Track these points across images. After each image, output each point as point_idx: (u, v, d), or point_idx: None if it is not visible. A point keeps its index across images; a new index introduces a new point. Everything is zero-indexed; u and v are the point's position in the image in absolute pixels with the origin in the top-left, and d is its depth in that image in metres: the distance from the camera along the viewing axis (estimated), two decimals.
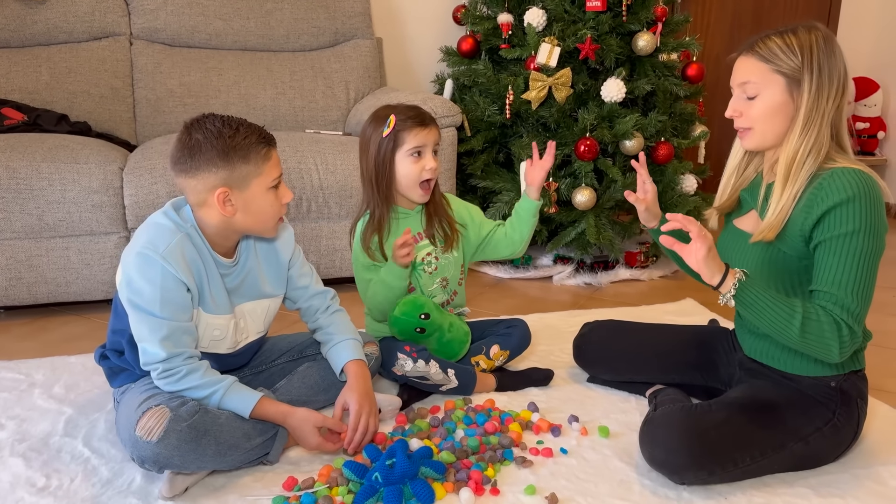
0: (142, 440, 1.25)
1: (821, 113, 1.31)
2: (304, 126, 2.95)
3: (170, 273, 1.31)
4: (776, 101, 1.34)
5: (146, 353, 1.33)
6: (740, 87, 1.38)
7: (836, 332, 1.27)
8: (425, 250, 1.76)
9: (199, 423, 1.28)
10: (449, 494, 1.33)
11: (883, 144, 4.20)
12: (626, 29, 2.72)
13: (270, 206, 1.39)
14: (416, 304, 1.65)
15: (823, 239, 1.30)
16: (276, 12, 2.99)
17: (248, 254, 1.49)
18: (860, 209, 1.27)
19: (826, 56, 1.31)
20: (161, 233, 1.35)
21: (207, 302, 1.40)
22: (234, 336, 1.47)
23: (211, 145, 1.31)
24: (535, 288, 2.71)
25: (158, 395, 1.33)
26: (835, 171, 1.30)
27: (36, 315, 2.30)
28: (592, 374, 1.83)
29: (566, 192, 2.64)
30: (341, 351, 1.53)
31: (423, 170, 1.65)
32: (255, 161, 1.34)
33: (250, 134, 1.34)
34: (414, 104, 1.73)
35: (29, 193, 2.12)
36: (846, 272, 1.28)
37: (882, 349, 2.13)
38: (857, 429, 1.43)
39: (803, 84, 1.31)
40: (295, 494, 1.31)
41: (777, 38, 1.33)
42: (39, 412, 1.63)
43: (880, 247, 1.30)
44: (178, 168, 1.34)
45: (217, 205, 1.34)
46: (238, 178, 1.33)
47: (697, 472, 1.32)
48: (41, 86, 2.67)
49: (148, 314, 1.32)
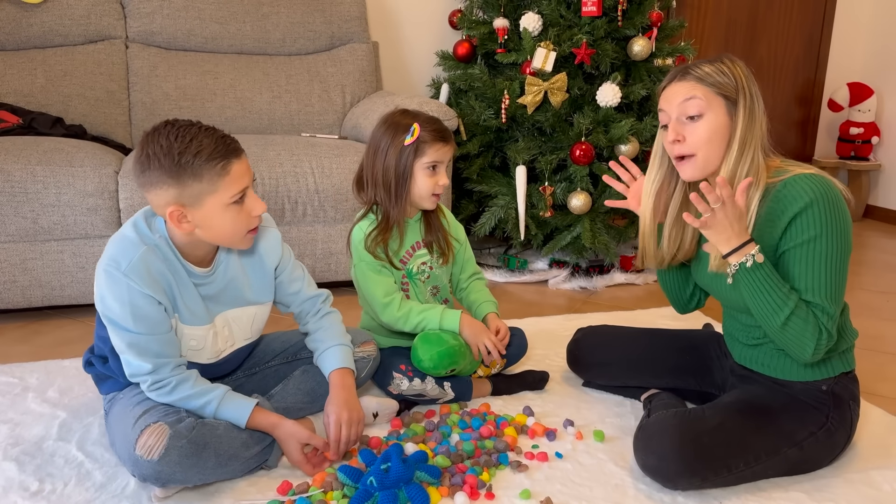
0: (142, 459, 1.24)
1: (754, 135, 1.34)
2: (299, 130, 2.95)
3: (135, 289, 1.27)
4: (719, 122, 1.34)
5: (130, 365, 1.31)
6: (681, 108, 1.35)
7: (816, 335, 1.30)
8: (421, 259, 1.74)
9: (198, 438, 1.27)
10: (444, 499, 1.33)
11: (877, 149, 4.21)
12: (622, 34, 2.73)
13: (232, 223, 1.31)
14: (447, 360, 1.61)
15: (788, 248, 1.31)
16: (273, 16, 2.99)
17: (228, 263, 1.43)
18: (819, 213, 1.28)
19: (751, 82, 1.35)
20: (124, 248, 1.30)
21: (182, 313, 1.36)
22: (215, 346, 1.44)
23: (159, 163, 1.24)
24: (530, 292, 2.71)
25: (154, 411, 1.31)
26: (788, 181, 1.31)
27: (30, 318, 2.30)
28: (587, 380, 1.83)
29: (561, 197, 2.65)
30: (327, 360, 1.52)
31: (435, 185, 1.65)
32: (209, 178, 1.25)
33: (203, 149, 1.24)
34: (433, 116, 1.71)
35: (24, 196, 2.11)
36: (816, 277, 1.30)
37: (876, 353, 2.14)
38: (850, 431, 1.43)
39: (739, 106, 1.34)
40: (290, 499, 1.31)
41: (707, 65, 1.36)
42: (33, 416, 1.63)
43: (847, 246, 1.31)
44: (136, 181, 1.31)
45: (172, 223, 1.29)
46: (190, 196, 1.26)
47: (691, 478, 1.32)
48: (36, 89, 2.66)
49: (124, 330, 1.29)
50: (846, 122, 4.21)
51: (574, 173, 2.61)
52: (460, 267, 1.85)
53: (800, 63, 4.25)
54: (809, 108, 4.35)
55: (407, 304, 1.68)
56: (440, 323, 1.66)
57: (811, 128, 4.38)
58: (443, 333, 1.64)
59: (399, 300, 1.68)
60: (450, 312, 1.68)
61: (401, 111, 1.69)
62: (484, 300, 1.81)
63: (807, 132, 4.40)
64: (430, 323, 1.66)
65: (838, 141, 4.28)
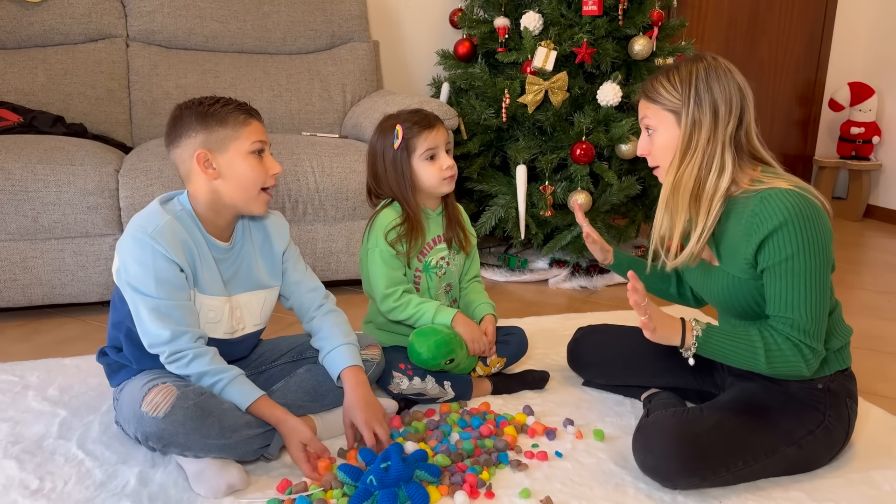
0: (147, 415, 1.27)
1: (704, 140, 1.34)
2: (300, 129, 2.95)
3: (160, 253, 1.34)
4: (669, 135, 1.39)
5: (149, 334, 1.34)
6: (642, 125, 1.43)
7: (798, 353, 1.31)
8: (440, 254, 1.76)
9: (204, 404, 1.31)
10: (444, 498, 1.33)
11: (878, 149, 4.21)
12: (623, 33, 2.73)
13: (252, 171, 1.41)
14: (444, 349, 1.62)
15: (767, 266, 1.32)
16: (273, 15, 2.99)
17: (245, 240, 1.51)
18: (795, 231, 1.28)
19: (706, 86, 1.34)
20: (150, 216, 1.38)
21: (202, 283, 1.42)
22: (231, 322, 1.48)
23: (189, 112, 1.39)
24: (530, 291, 2.71)
25: (163, 377, 1.35)
26: (765, 194, 1.31)
27: (30, 317, 2.30)
28: (587, 379, 1.83)
29: (562, 196, 2.65)
30: (336, 358, 1.52)
31: (440, 169, 1.68)
32: (233, 125, 1.39)
33: (229, 103, 1.41)
34: (415, 108, 1.74)
35: (24, 195, 2.11)
36: (795, 294, 1.31)
37: (876, 353, 2.14)
38: (848, 429, 1.44)
39: (681, 115, 1.36)
40: (289, 497, 1.31)
41: (663, 77, 1.39)
42: (33, 414, 1.63)
43: (825, 262, 1.31)
44: (167, 141, 1.42)
45: (199, 168, 1.38)
46: (216, 140, 1.38)
47: (689, 478, 1.33)
48: (37, 87, 2.67)
49: (145, 296, 1.34)
50: (847, 121, 4.21)
51: (574, 173, 2.61)
52: (466, 268, 1.86)
53: (801, 62, 4.24)
54: (810, 108, 4.34)
55: (406, 296, 1.70)
56: (434, 318, 1.68)
57: (812, 127, 4.38)
58: (435, 326, 1.66)
59: (400, 293, 1.69)
60: (444, 309, 1.70)
61: (385, 118, 1.73)
62: (483, 301, 1.82)
63: (808, 132, 4.39)
64: (426, 315, 1.68)
65: (839, 140, 4.28)
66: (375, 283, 1.70)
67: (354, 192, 2.42)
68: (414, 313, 1.69)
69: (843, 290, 2.81)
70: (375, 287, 1.70)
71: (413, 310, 1.68)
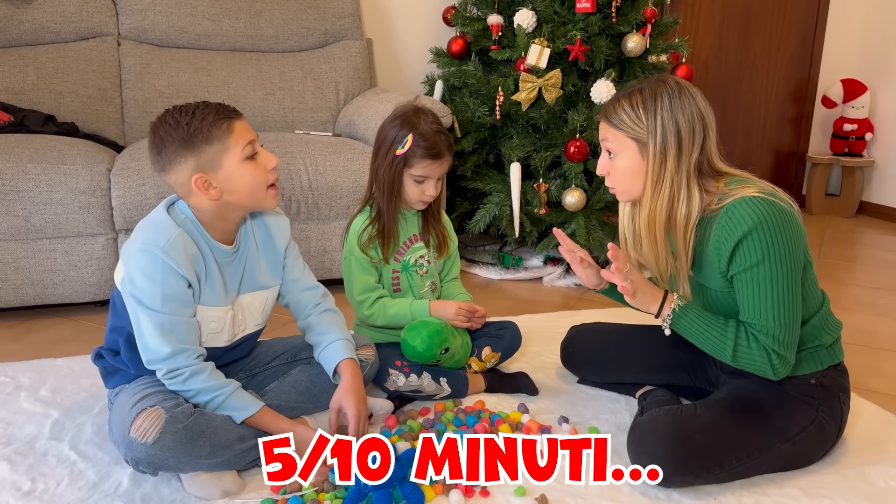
0: (136, 442, 1.25)
1: (672, 171, 1.33)
2: (293, 127, 2.94)
3: (170, 268, 1.31)
4: (632, 163, 1.37)
5: (149, 349, 1.33)
6: (603, 147, 1.42)
7: (766, 358, 1.32)
8: (419, 252, 1.77)
9: (194, 425, 1.29)
10: (439, 497, 1.32)
11: (870, 146, 4.23)
12: (616, 31, 2.73)
13: (252, 177, 1.37)
14: (437, 338, 1.63)
15: (735, 273, 1.33)
16: (266, 13, 2.98)
17: (248, 240, 1.49)
18: (761, 238, 1.28)
19: (671, 115, 1.32)
20: (161, 228, 1.35)
21: (206, 294, 1.40)
22: (232, 328, 1.47)
23: (172, 139, 1.32)
24: (525, 289, 2.71)
25: (153, 396, 1.32)
26: (730, 206, 1.31)
27: (22, 317, 2.28)
28: (581, 377, 1.83)
29: (556, 194, 2.65)
30: (332, 352, 1.52)
31: (421, 194, 1.69)
32: (219, 138, 1.33)
33: (207, 114, 1.33)
34: (440, 129, 1.69)
35: (15, 195, 2.10)
36: (763, 300, 1.31)
37: (870, 349, 2.14)
38: (841, 424, 1.44)
39: (648, 148, 1.34)
40: (283, 497, 1.31)
41: (625, 101, 1.36)
42: (25, 415, 1.62)
43: (793, 268, 1.30)
44: (156, 167, 1.37)
45: (200, 192, 1.34)
46: (207, 160, 1.33)
47: (684, 476, 1.33)
48: (28, 86, 2.65)
49: (150, 310, 1.32)
50: (840, 118, 4.22)
51: (568, 170, 2.61)
52: (447, 269, 1.87)
53: (793, 60, 4.25)
54: (803, 105, 4.35)
55: (379, 302, 1.72)
56: (412, 314, 1.70)
57: (805, 124, 4.39)
58: (424, 319, 1.68)
59: (373, 300, 1.71)
60: (417, 303, 1.72)
61: (412, 111, 1.70)
62: (460, 293, 1.85)
63: (801, 129, 4.40)
64: (403, 317, 1.70)
65: (832, 137, 4.29)
66: (349, 289, 1.73)
67: (348, 190, 2.41)
68: (393, 316, 1.71)
69: (837, 286, 2.82)
70: (350, 294, 1.73)
71: (391, 313, 1.71)
